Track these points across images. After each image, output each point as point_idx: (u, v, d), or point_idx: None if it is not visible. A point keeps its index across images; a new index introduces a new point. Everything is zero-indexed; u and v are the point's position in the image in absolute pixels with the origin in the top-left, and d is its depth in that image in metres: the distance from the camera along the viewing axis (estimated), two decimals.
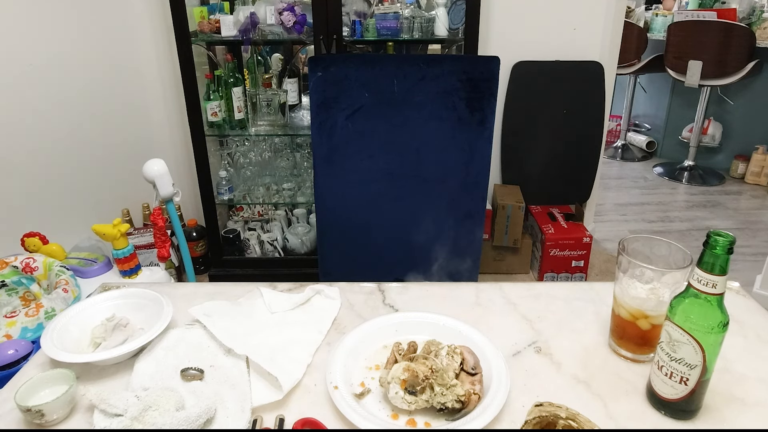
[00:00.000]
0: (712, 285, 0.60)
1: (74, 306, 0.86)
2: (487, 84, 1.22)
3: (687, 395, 0.66)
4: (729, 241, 0.59)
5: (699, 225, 3.03)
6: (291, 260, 2.43)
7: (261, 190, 2.40)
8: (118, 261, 1.56)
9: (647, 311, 0.74)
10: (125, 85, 2.21)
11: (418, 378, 0.67)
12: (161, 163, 1.54)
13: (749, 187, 3.56)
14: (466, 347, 0.76)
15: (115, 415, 0.66)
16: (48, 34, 1.78)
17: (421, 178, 1.29)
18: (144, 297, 0.88)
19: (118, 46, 2.15)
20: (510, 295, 0.94)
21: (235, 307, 0.90)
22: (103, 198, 2.11)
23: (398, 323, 0.84)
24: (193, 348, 0.80)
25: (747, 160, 3.61)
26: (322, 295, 0.94)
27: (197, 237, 2.44)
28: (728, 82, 3.33)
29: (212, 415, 0.67)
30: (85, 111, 1.98)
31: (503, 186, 2.57)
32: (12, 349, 1.14)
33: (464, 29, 2.05)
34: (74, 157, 1.94)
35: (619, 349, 0.80)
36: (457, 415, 0.67)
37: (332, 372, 0.73)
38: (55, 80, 1.82)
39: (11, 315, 1.29)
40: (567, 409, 0.62)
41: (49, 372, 0.71)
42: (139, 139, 2.32)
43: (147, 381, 0.73)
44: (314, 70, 1.22)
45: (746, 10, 3.36)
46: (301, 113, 2.25)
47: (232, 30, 2.04)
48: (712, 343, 0.62)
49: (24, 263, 1.39)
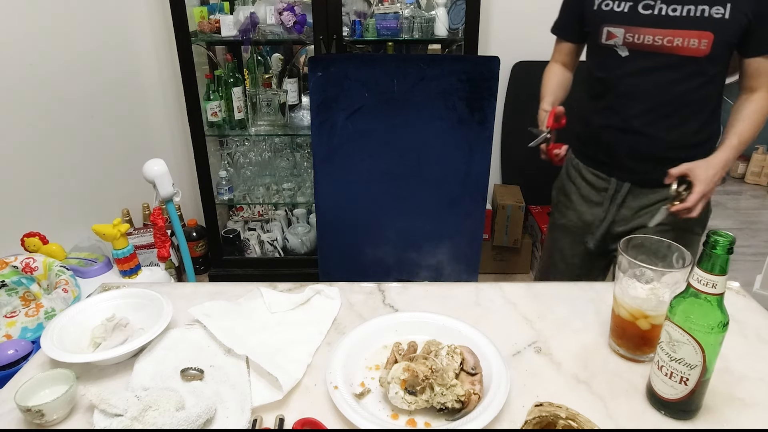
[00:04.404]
0: (712, 285, 0.60)
1: (74, 306, 0.86)
2: (487, 84, 1.22)
3: (687, 395, 0.66)
4: (729, 241, 0.59)
5: None
6: (291, 260, 2.43)
7: (261, 190, 2.40)
8: (118, 261, 1.56)
9: (647, 311, 0.74)
10: (125, 85, 2.21)
11: (418, 378, 0.67)
12: (161, 163, 1.54)
13: (749, 187, 3.56)
14: (466, 347, 0.76)
15: (115, 415, 0.66)
16: (48, 34, 1.78)
17: (421, 178, 1.29)
18: (144, 297, 0.88)
19: (119, 46, 2.15)
20: (510, 295, 0.94)
21: (235, 307, 0.90)
22: (103, 198, 2.11)
23: (398, 323, 0.84)
24: (193, 348, 0.80)
25: (747, 160, 3.61)
26: (322, 295, 0.94)
27: (197, 237, 2.44)
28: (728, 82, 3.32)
29: (212, 415, 0.67)
30: (85, 111, 1.98)
31: (503, 186, 2.57)
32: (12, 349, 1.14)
33: (464, 29, 2.05)
34: (74, 157, 1.94)
35: (619, 349, 0.80)
36: (457, 415, 0.67)
37: (332, 372, 0.73)
38: (55, 80, 1.82)
39: (11, 315, 1.29)
40: (567, 409, 0.62)
41: (49, 372, 0.71)
42: (139, 139, 2.32)
43: (147, 381, 0.73)
44: (314, 70, 1.22)
45: None
46: (301, 113, 2.25)
47: (232, 30, 2.04)
48: (712, 343, 0.62)
49: (24, 263, 1.39)
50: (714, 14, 1.09)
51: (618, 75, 1.20)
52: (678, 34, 1.11)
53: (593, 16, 1.21)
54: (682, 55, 1.12)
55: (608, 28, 1.18)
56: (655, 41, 1.13)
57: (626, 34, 1.16)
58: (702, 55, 1.12)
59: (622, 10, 1.17)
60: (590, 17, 1.23)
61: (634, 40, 1.15)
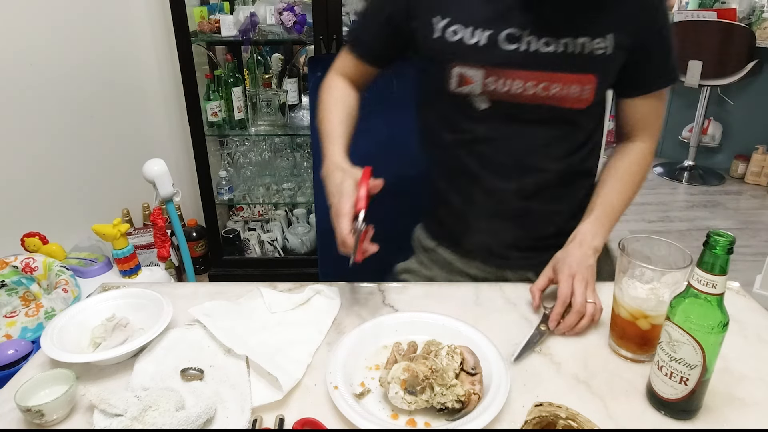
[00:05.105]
0: (712, 285, 0.60)
1: (74, 306, 0.86)
2: None
3: (687, 395, 0.66)
4: (729, 241, 0.59)
5: (699, 225, 3.03)
6: (291, 260, 2.43)
7: (261, 190, 2.40)
8: (118, 261, 1.56)
9: (647, 311, 0.74)
10: (125, 85, 2.21)
11: (418, 378, 0.67)
12: (161, 163, 1.54)
13: (749, 187, 3.56)
14: (466, 347, 0.76)
15: (115, 415, 0.66)
16: (48, 34, 1.78)
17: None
18: (144, 297, 0.88)
19: (118, 46, 2.15)
20: (510, 295, 0.94)
21: (235, 307, 0.90)
22: (103, 198, 2.11)
23: (398, 323, 0.84)
24: (193, 348, 0.80)
25: (747, 160, 3.61)
26: (322, 295, 0.94)
27: (197, 237, 2.44)
28: (728, 82, 3.33)
29: (212, 415, 0.67)
30: (85, 111, 1.98)
31: None
32: (12, 349, 1.14)
33: None
34: (74, 157, 1.94)
35: (619, 349, 0.80)
36: (457, 415, 0.67)
37: (332, 372, 0.73)
38: (55, 80, 1.82)
39: (11, 315, 1.29)
40: (567, 409, 0.62)
41: (49, 372, 0.71)
42: (139, 140, 2.32)
43: (147, 381, 0.73)
44: (314, 70, 1.22)
45: (746, 10, 3.36)
46: (301, 113, 2.25)
47: (232, 30, 2.04)
48: (712, 343, 0.62)
49: (24, 263, 1.39)
50: (596, 50, 0.82)
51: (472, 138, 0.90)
52: (556, 79, 0.83)
53: (434, 48, 0.86)
54: (561, 107, 0.85)
55: (460, 69, 0.84)
56: (526, 89, 0.83)
57: (486, 79, 0.83)
58: (584, 107, 0.86)
59: (477, 43, 0.82)
60: (428, 49, 0.87)
61: (497, 87, 0.83)
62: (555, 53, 0.82)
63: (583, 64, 0.83)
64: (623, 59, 0.86)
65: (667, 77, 0.92)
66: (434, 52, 0.87)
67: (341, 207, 0.78)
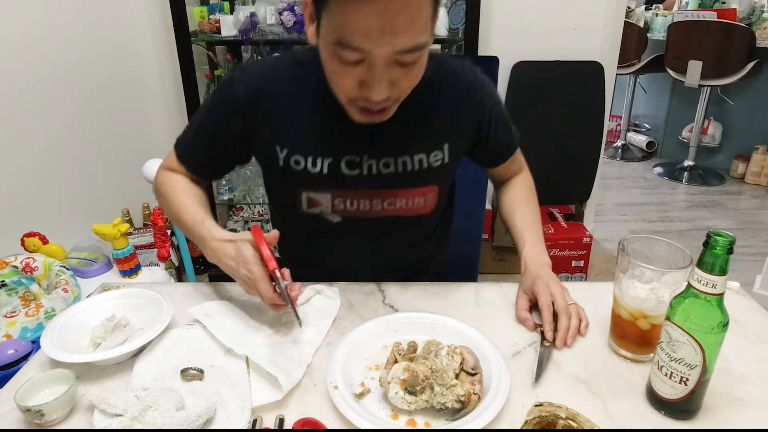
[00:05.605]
0: (712, 285, 0.60)
1: (74, 306, 0.86)
2: None
3: (687, 395, 0.66)
4: (729, 241, 0.59)
5: (699, 225, 3.03)
6: None
7: (261, 190, 2.40)
8: (118, 261, 1.56)
9: (647, 311, 0.74)
10: (125, 85, 2.21)
11: (418, 378, 0.67)
12: None
13: (749, 187, 3.57)
14: (466, 347, 0.76)
15: (115, 415, 0.66)
16: (48, 34, 1.78)
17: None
18: (144, 297, 0.88)
19: (118, 46, 2.15)
20: (510, 295, 0.94)
21: (235, 307, 0.90)
22: (103, 198, 2.11)
23: (398, 323, 0.84)
24: (193, 348, 0.80)
25: (747, 160, 3.61)
26: (322, 295, 0.94)
27: None
28: (728, 82, 3.33)
29: (212, 415, 0.67)
30: (85, 111, 1.98)
31: None
32: (12, 349, 1.14)
33: (464, 29, 2.05)
34: (74, 157, 1.94)
35: (619, 349, 0.80)
36: (457, 415, 0.67)
37: (332, 372, 0.73)
38: (55, 80, 1.82)
39: (11, 315, 1.29)
40: (567, 409, 0.62)
41: (49, 372, 0.71)
42: (139, 139, 2.32)
43: (147, 381, 0.73)
44: None
45: (746, 10, 3.36)
46: None
47: (232, 30, 2.04)
48: (712, 343, 0.63)
49: (24, 263, 1.39)
50: (433, 162, 0.88)
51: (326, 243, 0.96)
52: (400, 194, 0.89)
53: (281, 175, 0.89)
54: (408, 215, 0.92)
55: (308, 194, 0.89)
56: (373, 206, 0.90)
57: (334, 201, 0.89)
58: (429, 212, 0.94)
59: (320, 172, 0.86)
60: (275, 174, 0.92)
61: (346, 206, 0.89)
62: (396, 173, 0.88)
63: (423, 177, 0.89)
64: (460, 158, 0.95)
65: (513, 144, 1.01)
66: (282, 177, 0.91)
67: (254, 274, 0.77)
